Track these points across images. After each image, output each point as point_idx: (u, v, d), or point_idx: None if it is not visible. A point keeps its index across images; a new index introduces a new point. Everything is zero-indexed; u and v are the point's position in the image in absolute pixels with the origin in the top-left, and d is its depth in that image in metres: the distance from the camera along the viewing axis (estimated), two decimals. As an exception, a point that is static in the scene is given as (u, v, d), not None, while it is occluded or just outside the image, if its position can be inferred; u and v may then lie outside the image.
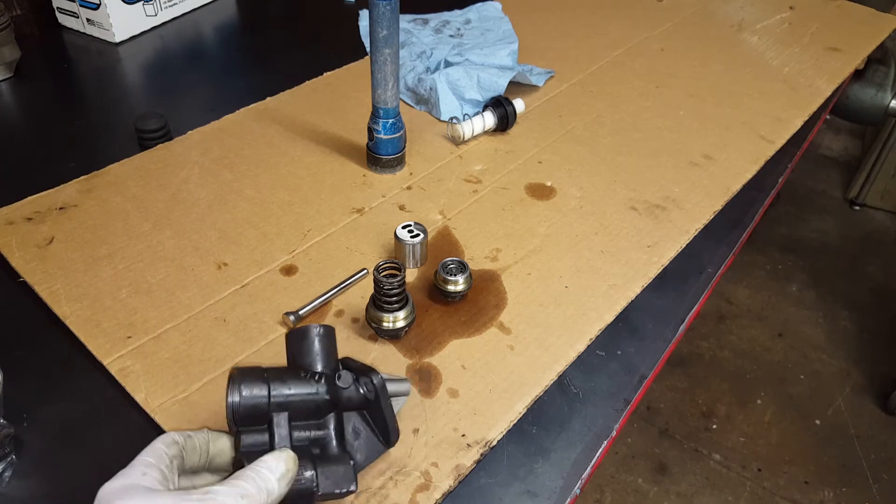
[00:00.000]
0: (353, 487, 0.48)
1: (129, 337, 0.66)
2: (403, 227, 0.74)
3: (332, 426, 0.51)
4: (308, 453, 0.48)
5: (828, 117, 1.38)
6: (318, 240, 0.79)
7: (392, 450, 0.56)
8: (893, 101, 1.47)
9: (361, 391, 0.52)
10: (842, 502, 1.65)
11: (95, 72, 1.13)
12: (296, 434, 0.49)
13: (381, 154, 0.88)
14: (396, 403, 0.56)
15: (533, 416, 0.63)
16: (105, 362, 0.63)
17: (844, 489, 1.67)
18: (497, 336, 0.68)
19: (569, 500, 0.57)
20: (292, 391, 0.49)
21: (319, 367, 0.51)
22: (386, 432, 0.52)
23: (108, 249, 0.75)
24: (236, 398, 0.47)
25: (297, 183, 0.87)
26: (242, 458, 0.46)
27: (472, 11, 1.30)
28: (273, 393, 0.48)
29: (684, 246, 0.82)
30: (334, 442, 0.50)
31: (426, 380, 0.63)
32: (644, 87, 1.12)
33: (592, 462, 0.60)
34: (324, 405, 0.50)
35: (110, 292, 0.70)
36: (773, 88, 1.14)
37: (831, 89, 1.16)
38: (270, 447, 0.48)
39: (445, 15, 1.28)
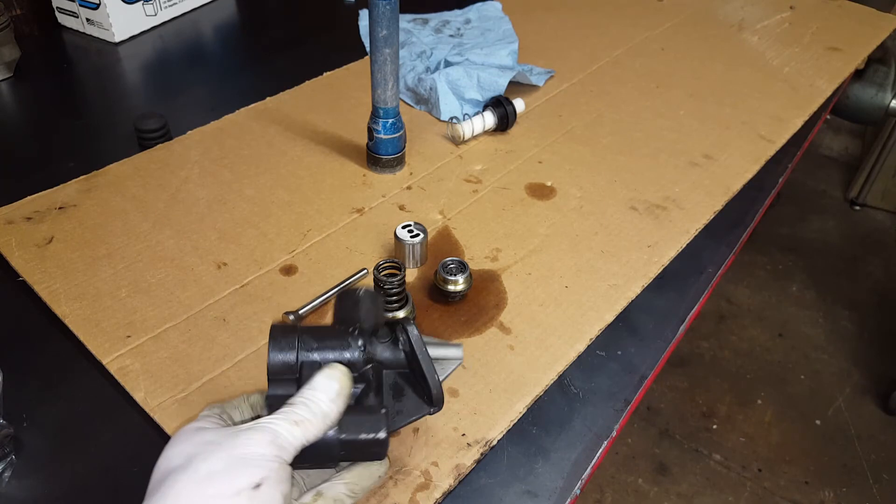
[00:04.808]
0: (381, 434, 0.44)
1: (129, 336, 0.66)
2: (403, 227, 0.74)
3: (368, 379, 0.48)
4: None
5: (828, 117, 1.37)
6: (318, 240, 0.79)
7: (392, 449, 0.56)
8: (894, 101, 1.47)
9: (400, 345, 0.50)
10: (842, 502, 1.65)
11: (95, 72, 1.13)
12: None
13: (381, 154, 0.88)
14: (446, 367, 0.53)
15: (533, 416, 0.63)
16: (104, 361, 0.63)
17: (844, 489, 1.67)
18: (497, 336, 0.68)
19: (569, 500, 0.57)
20: (324, 344, 0.48)
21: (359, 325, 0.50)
22: (427, 387, 0.49)
23: (108, 249, 0.75)
24: (271, 357, 0.47)
25: (297, 183, 0.87)
26: (266, 405, 0.45)
27: (472, 11, 1.30)
28: (302, 345, 0.47)
29: (684, 246, 0.81)
30: (371, 395, 0.48)
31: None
32: (644, 86, 1.12)
33: (593, 462, 0.60)
34: (359, 360, 0.48)
35: (110, 292, 0.70)
36: (774, 88, 1.14)
37: (831, 89, 1.16)
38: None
39: (445, 15, 1.28)
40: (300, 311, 0.68)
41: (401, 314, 0.65)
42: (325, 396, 0.43)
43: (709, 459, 1.73)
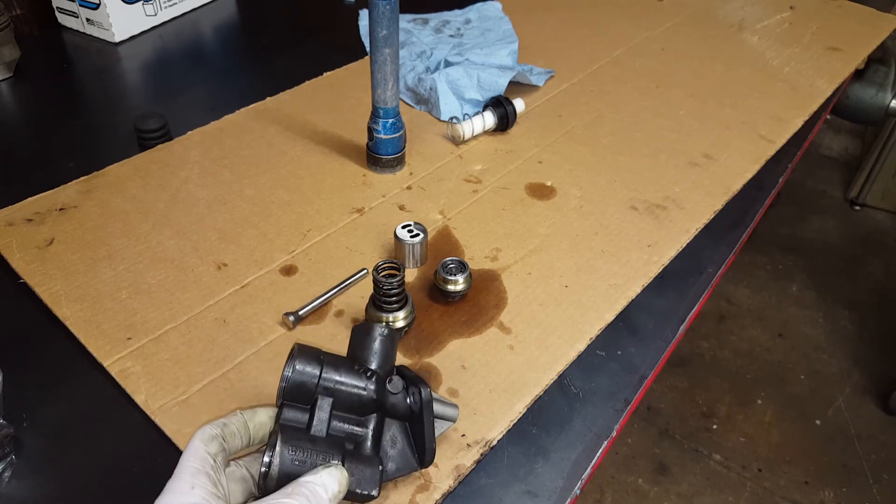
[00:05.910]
0: (374, 492, 0.48)
1: (129, 338, 0.66)
2: (403, 227, 0.74)
3: (371, 427, 0.50)
4: (341, 446, 0.48)
5: (828, 117, 1.37)
6: (317, 240, 0.79)
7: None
8: (893, 101, 1.47)
9: (408, 401, 0.52)
10: (842, 502, 1.65)
11: (95, 72, 1.13)
12: (335, 423, 0.49)
13: (381, 154, 0.88)
14: (440, 426, 0.55)
15: (533, 417, 0.63)
16: (105, 364, 0.63)
17: (844, 489, 1.67)
18: (497, 336, 0.68)
19: (569, 500, 0.57)
20: (342, 379, 0.49)
21: (374, 366, 0.52)
22: (422, 450, 0.52)
23: (108, 250, 0.75)
24: (289, 372, 0.48)
25: (297, 183, 0.87)
26: (278, 430, 0.46)
27: (472, 11, 1.30)
28: (324, 375, 0.49)
29: (684, 246, 0.82)
30: (369, 443, 0.50)
31: (426, 380, 0.63)
32: (644, 86, 1.12)
33: (593, 462, 0.60)
34: (369, 403, 0.50)
35: (110, 293, 0.70)
36: (774, 88, 1.14)
37: (831, 89, 1.16)
38: (307, 428, 0.48)
39: (445, 15, 1.28)
40: (300, 312, 0.68)
41: (400, 314, 0.65)
42: (324, 495, 0.44)
43: (709, 459, 1.73)
